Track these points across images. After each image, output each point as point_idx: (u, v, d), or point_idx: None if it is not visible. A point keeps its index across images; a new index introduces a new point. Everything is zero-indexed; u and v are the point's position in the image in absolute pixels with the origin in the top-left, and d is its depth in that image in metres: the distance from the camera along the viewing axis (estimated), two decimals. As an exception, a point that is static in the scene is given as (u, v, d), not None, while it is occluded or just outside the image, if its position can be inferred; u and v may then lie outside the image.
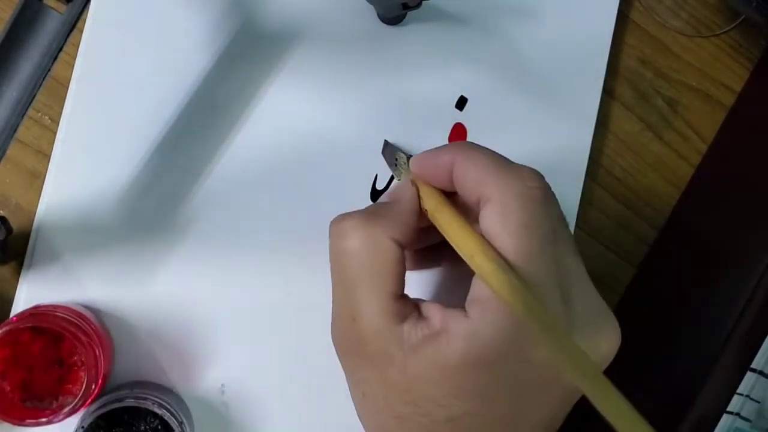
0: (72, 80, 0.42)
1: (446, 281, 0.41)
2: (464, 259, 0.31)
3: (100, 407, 0.37)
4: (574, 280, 0.32)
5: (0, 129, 0.31)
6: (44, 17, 0.31)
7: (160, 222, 0.42)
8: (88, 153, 0.42)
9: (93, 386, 0.37)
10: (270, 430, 0.42)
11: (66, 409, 0.36)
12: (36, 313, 0.37)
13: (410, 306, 0.32)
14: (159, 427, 0.38)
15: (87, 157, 0.41)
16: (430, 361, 0.30)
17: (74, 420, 0.38)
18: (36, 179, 0.42)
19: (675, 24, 0.49)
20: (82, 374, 0.38)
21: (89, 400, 0.37)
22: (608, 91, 0.48)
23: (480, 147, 0.34)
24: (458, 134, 0.45)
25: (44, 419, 0.36)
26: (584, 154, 0.46)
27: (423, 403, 0.30)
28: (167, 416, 0.37)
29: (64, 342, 0.38)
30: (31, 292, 0.41)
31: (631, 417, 0.26)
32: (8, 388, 0.38)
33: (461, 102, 0.45)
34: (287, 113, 0.43)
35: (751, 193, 0.44)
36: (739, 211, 0.45)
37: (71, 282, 0.41)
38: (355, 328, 0.32)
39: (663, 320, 0.45)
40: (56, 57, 0.32)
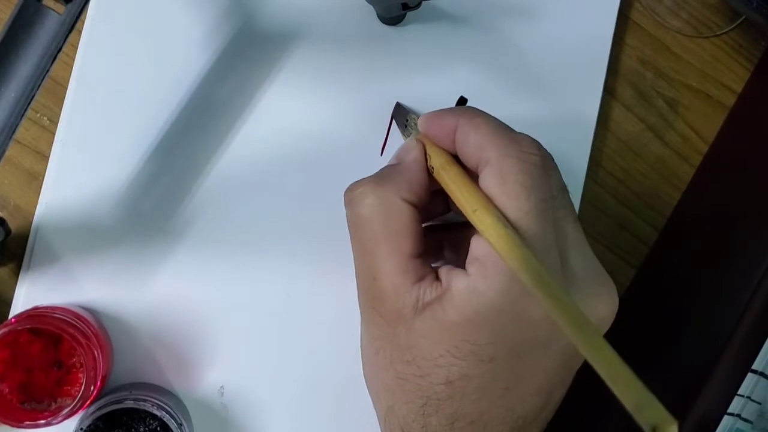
0: (71, 81, 0.42)
1: (452, 247, 0.41)
2: (466, 216, 0.31)
3: (99, 409, 0.37)
4: (572, 244, 0.32)
5: (-2, 130, 0.31)
6: (43, 18, 0.31)
7: (159, 223, 0.42)
8: (87, 154, 0.41)
9: (92, 388, 0.37)
10: (269, 432, 0.42)
11: (65, 411, 0.36)
12: (35, 315, 0.37)
13: (428, 267, 0.33)
14: (158, 429, 0.38)
15: (86, 158, 0.41)
16: (432, 319, 0.30)
17: (73, 422, 0.38)
18: (35, 180, 0.42)
19: (675, 24, 0.49)
20: (81, 376, 0.37)
21: (88, 402, 0.37)
22: (608, 92, 0.48)
23: (483, 113, 0.34)
24: (458, 135, 0.45)
25: (43, 421, 0.36)
26: (584, 155, 0.46)
27: (422, 363, 0.31)
28: (166, 418, 0.37)
29: (63, 343, 0.38)
30: (30, 294, 0.41)
31: (627, 376, 0.26)
32: (7, 390, 0.38)
33: (461, 102, 0.45)
34: (287, 113, 0.43)
35: (752, 194, 0.44)
36: (740, 212, 0.45)
37: (70, 283, 0.41)
38: (376, 287, 0.32)
39: (663, 321, 0.45)
40: (55, 57, 0.32)
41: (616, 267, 0.48)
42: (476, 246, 0.31)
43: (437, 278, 0.32)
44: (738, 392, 0.37)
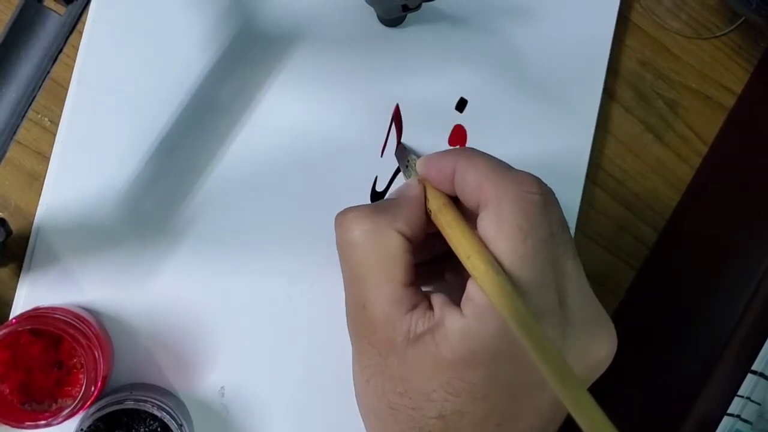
0: (72, 82, 0.42)
1: (454, 270, 0.41)
2: (461, 261, 0.31)
3: (100, 410, 0.37)
4: (572, 284, 0.32)
5: (0, 131, 0.31)
6: (44, 19, 0.31)
7: (160, 224, 0.42)
8: (88, 155, 0.41)
9: (92, 388, 0.37)
10: (270, 433, 0.42)
11: (65, 412, 0.36)
12: (35, 315, 0.37)
13: (420, 296, 0.32)
14: (159, 430, 0.38)
15: (87, 159, 0.41)
16: (425, 352, 0.30)
17: (73, 422, 0.38)
18: (35, 181, 0.42)
19: (675, 25, 0.49)
20: (82, 376, 0.38)
21: (88, 403, 0.37)
22: (608, 93, 0.48)
23: (481, 153, 0.34)
24: (458, 136, 0.45)
25: (43, 422, 0.36)
26: (584, 156, 0.46)
27: (415, 396, 0.30)
28: (167, 419, 0.37)
29: (64, 344, 0.38)
30: (31, 294, 0.41)
31: None
32: (7, 391, 0.38)
33: (461, 104, 0.45)
34: (287, 114, 0.43)
35: (752, 195, 0.44)
36: (740, 213, 0.45)
37: (71, 284, 0.41)
38: (366, 315, 0.32)
39: (663, 322, 0.45)
40: (56, 59, 0.32)
41: (616, 268, 0.48)
42: (472, 287, 0.30)
43: (430, 307, 0.32)
44: (738, 393, 0.37)
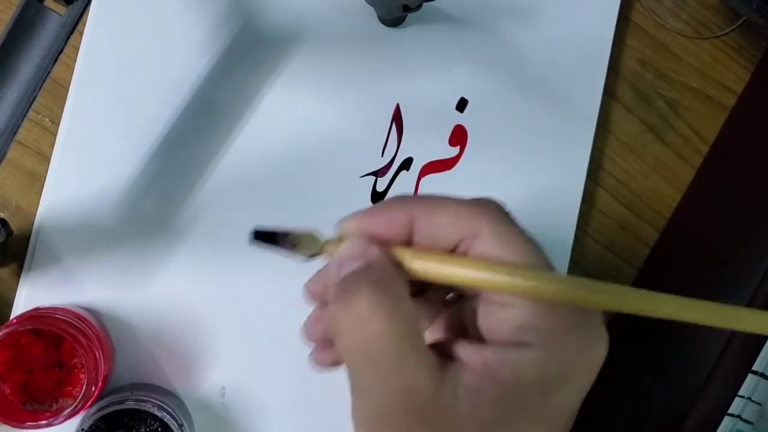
0: (72, 82, 0.42)
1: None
2: (482, 288, 0.29)
3: (100, 409, 0.37)
4: None
5: (0, 131, 0.31)
6: (44, 19, 0.31)
7: (161, 224, 0.42)
8: (89, 155, 0.42)
9: (93, 388, 0.37)
10: (270, 433, 0.42)
11: (66, 412, 0.36)
12: (36, 316, 0.37)
13: (445, 354, 0.30)
14: (159, 430, 0.38)
15: (87, 159, 0.41)
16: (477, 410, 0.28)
17: (74, 422, 0.38)
18: (36, 181, 0.42)
19: (675, 25, 0.49)
20: (82, 376, 0.38)
21: (89, 403, 0.37)
22: (609, 93, 0.48)
23: (429, 195, 0.32)
24: (459, 136, 0.45)
25: (44, 422, 0.36)
26: (585, 156, 0.46)
27: None
28: (167, 419, 0.37)
29: (64, 344, 0.38)
30: (31, 295, 0.41)
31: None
32: (8, 391, 0.38)
33: (462, 104, 0.45)
34: (288, 115, 0.43)
35: (753, 195, 0.44)
36: (741, 213, 0.45)
37: (71, 284, 0.41)
38: (417, 401, 0.29)
39: (664, 322, 0.45)
40: (56, 59, 0.32)
41: (617, 267, 0.48)
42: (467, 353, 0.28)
43: (460, 362, 0.29)
44: (738, 393, 0.37)
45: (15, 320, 0.37)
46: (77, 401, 0.36)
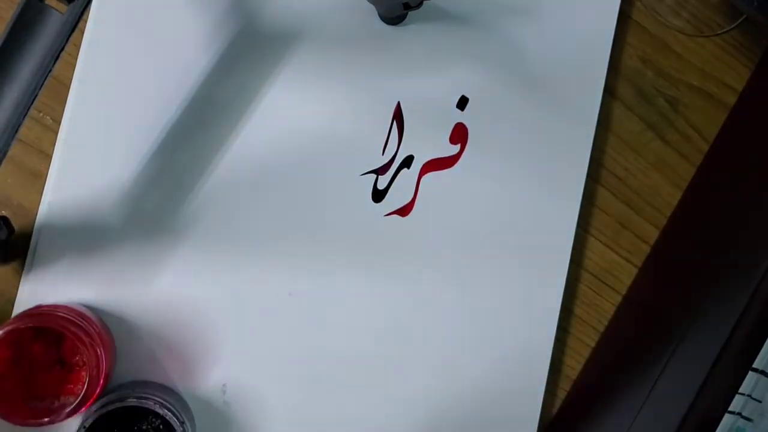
0: (73, 80, 0.42)
1: None
2: None
3: (102, 407, 0.37)
4: None
5: (2, 129, 0.31)
6: (46, 17, 0.31)
7: (162, 222, 0.42)
8: (90, 153, 0.42)
9: (95, 386, 0.37)
10: (271, 430, 0.42)
11: (68, 409, 0.36)
12: (38, 313, 0.37)
13: None
14: (161, 427, 0.38)
15: (88, 157, 0.42)
16: None
17: (76, 420, 0.38)
18: (37, 179, 0.42)
19: (676, 23, 0.49)
20: (84, 374, 0.38)
21: (91, 400, 0.37)
22: (609, 91, 0.48)
23: None
24: (460, 134, 0.45)
25: (46, 419, 0.36)
26: (585, 154, 0.46)
27: None
28: (169, 416, 0.37)
29: (66, 342, 0.38)
30: (33, 292, 0.41)
31: None
32: (10, 389, 0.38)
33: (462, 102, 0.45)
34: (289, 113, 0.43)
35: (753, 193, 0.44)
36: (741, 211, 0.45)
37: (73, 282, 0.41)
38: None
39: (664, 320, 0.45)
40: (58, 57, 0.32)
41: (617, 265, 0.48)
42: None
43: None
44: (739, 390, 0.37)
45: (17, 318, 0.37)
46: (79, 399, 0.36)
